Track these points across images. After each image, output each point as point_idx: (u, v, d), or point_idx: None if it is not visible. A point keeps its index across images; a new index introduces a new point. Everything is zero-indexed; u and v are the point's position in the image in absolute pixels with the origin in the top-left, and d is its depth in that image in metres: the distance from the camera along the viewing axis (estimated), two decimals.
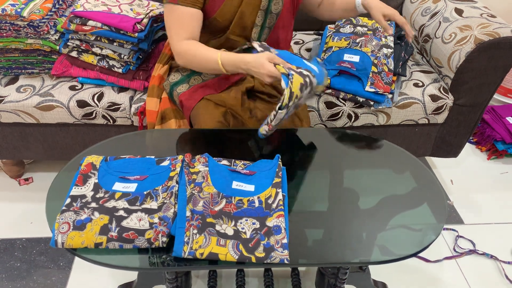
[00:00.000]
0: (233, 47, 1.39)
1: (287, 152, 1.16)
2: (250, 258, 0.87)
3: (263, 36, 1.38)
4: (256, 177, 1.05)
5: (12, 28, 1.45)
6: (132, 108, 1.52)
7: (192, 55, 1.25)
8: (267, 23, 1.36)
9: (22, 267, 1.52)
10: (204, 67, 1.27)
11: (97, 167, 1.04)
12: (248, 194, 1.00)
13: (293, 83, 1.07)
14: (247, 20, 1.33)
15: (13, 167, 1.85)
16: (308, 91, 1.11)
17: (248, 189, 1.02)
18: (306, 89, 1.10)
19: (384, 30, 1.38)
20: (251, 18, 1.33)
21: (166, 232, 0.90)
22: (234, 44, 1.38)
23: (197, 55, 1.24)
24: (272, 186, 1.01)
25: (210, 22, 1.33)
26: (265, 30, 1.37)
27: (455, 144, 1.75)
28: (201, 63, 1.26)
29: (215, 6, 1.29)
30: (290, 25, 1.45)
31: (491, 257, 1.60)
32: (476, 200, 1.85)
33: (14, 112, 1.51)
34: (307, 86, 1.10)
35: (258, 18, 1.33)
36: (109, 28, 1.43)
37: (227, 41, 1.37)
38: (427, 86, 1.60)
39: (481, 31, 1.49)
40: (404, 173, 1.18)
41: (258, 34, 1.37)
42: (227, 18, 1.32)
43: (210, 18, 1.32)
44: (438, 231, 0.99)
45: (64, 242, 0.88)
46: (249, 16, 1.33)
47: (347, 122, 1.58)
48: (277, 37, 1.42)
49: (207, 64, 1.24)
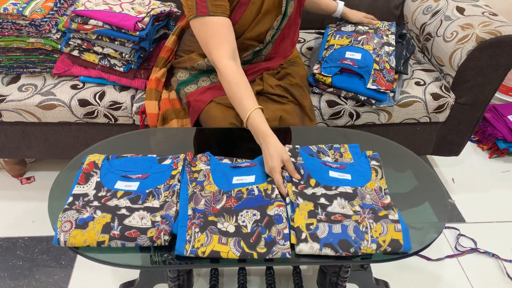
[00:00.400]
0: (245, 50, 1.40)
1: None
2: (252, 255, 0.88)
3: (275, 37, 1.40)
4: (257, 168, 1.06)
5: (13, 27, 1.45)
6: (133, 107, 1.52)
7: (230, 89, 1.15)
8: (282, 25, 1.37)
9: (24, 266, 1.52)
10: (232, 100, 1.18)
11: (99, 166, 1.04)
12: (247, 185, 1.02)
13: (296, 214, 0.95)
14: (264, 25, 1.34)
15: (15, 166, 1.85)
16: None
17: (248, 180, 1.03)
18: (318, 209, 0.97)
19: (367, 22, 1.69)
20: (270, 23, 1.35)
21: (168, 230, 0.90)
22: (247, 47, 1.39)
23: (234, 91, 1.14)
24: (268, 182, 1.02)
25: None
26: (279, 32, 1.39)
27: (457, 143, 1.75)
28: (232, 98, 1.17)
29: (236, 17, 1.29)
30: (296, 24, 1.46)
31: (493, 256, 1.60)
32: (478, 199, 1.85)
33: (16, 111, 1.51)
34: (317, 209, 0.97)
35: (276, 22, 1.35)
36: (111, 27, 1.43)
37: (240, 45, 1.36)
38: (429, 85, 1.60)
39: (483, 30, 1.49)
40: (405, 171, 1.18)
41: (272, 36, 1.38)
42: (245, 28, 1.33)
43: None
44: (440, 230, 0.99)
45: (67, 240, 0.88)
46: (266, 21, 1.34)
47: (349, 120, 1.58)
48: (283, 36, 1.43)
49: (236, 104, 1.15)
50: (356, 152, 1.13)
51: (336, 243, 0.89)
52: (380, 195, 1.00)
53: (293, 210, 0.95)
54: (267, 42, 1.39)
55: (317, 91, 1.57)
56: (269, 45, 1.42)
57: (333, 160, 1.11)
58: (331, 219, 0.94)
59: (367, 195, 1.00)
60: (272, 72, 1.48)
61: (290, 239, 0.90)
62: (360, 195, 0.99)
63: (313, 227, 0.91)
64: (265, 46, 1.41)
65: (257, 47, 1.39)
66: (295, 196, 0.98)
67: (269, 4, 1.30)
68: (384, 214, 0.95)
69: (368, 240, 0.90)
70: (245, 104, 1.12)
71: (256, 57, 1.45)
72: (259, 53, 1.43)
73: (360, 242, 0.89)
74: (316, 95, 1.56)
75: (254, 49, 1.39)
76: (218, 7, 1.18)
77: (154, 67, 1.55)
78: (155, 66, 1.55)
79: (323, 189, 1.01)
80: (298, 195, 0.98)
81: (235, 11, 1.28)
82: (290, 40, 1.48)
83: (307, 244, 0.89)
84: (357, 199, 0.99)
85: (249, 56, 1.42)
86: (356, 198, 0.99)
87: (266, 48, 1.42)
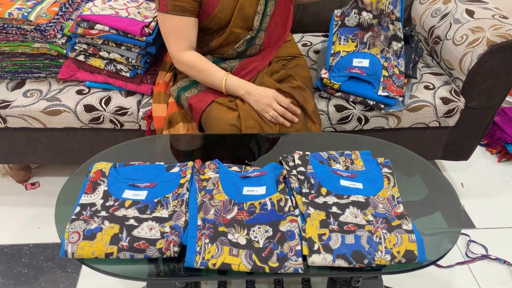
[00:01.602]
0: (236, 40, 1.39)
1: None
2: (263, 268, 0.85)
3: (264, 24, 1.38)
4: (267, 177, 1.04)
5: (18, 32, 1.44)
6: (140, 112, 1.50)
7: (197, 70, 1.28)
8: (268, 11, 1.36)
9: (29, 274, 1.50)
10: (203, 79, 1.31)
11: (106, 174, 1.02)
12: (259, 198, 0.99)
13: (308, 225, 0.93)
14: (248, 10, 1.33)
15: (20, 171, 1.84)
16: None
17: (259, 192, 1.01)
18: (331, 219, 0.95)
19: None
20: (252, 7, 1.34)
21: (178, 241, 0.88)
22: (237, 37, 1.39)
23: (202, 71, 1.29)
24: (280, 192, 0.99)
25: (211, 20, 1.33)
26: (266, 18, 1.37)
27: (466, 147, 1.72)
28: (202, 78, 1.30)
29: (214, 2, 1.29)
30: (288, 11, 1.44)
31: (504, 262, 1.57)
32: (488, 204, 1.82)
33: (21, 117, 1.50)
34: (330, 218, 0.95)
35: (260, 6, 1.34)
36: (117, 31, 1.41)
37: (230, 34, 1.37)
38: (438, 89, 1.58)
39: (494, 33, 1.47)
40: (417, 178, 1.16)
41: (260, 22, 1.37)
42: (227, 12, 1.32)
43: (210, 16, 1.32)
44: (455, 239, 0.97)
45: (74, 252, 0.86)
46: (250, 6, 1.33)
47: (357, 125, 1.56)
48: (275, 23, 1.42)
49: (208, 78, 1.29)
50: (367, 159, 1.11)
51: (349, 254, 0.87)
52: (392, 204, 0.98)
53: (304, 220, 0.93)
54: (256, 28, 1.37)
55: (325, 95, 1.55)
56: (260, 33, 1.40)
57: (344, 167, 1.09)
58: (344, 229, 0.91)
59: (379, 204, 0.98)
60: (267, 71, 1.46)
61: (302, 254, 0.88)
62: (372, 204, 0.97)
63: (325, 237, 0.89)
64: (257, 34, 1.39)
65: (248, 35, 1.38)
66: (306, 206, 0.95)
67: None
68: (398, 223, 0.93)
69: (382, 251, 0.88)
70: (218, 74, 1.29)
71: (250, 47, 1.43)
72: (251, 42, 1.41)
73: (374, 253, 0.87)
74: (324, 100, 1.54)
75: (245, 37, 1.38)
76: (176, 7, 1.25)
77: (161, 71, 1.55)
78: (161, 70, 1.55)
79: (335, 197, 0.98)
80: (309, 205, 0.96)
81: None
82: (283, 28, 1.46)
83: (320, 256, 0.87)
84: (369, 208, 0.97)
85: (242, 46, 1.41)
86: (369, 207, 0.97)
87: (258, 36, 1.40)
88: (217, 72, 1.31)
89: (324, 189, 1.00)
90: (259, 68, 1.44)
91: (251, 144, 1.23)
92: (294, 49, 1.60)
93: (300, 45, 1.84)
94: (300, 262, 0.86)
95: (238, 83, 1.30)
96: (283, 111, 1.22)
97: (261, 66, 1.44)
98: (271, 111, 1.20)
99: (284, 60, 1.54)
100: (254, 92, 1.23)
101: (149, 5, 1.59)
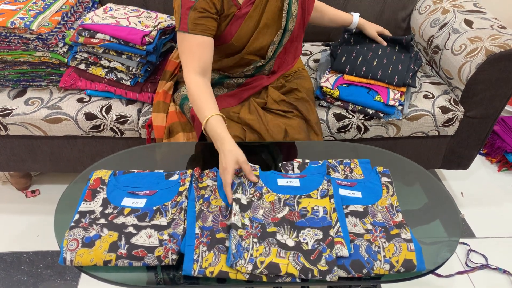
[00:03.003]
0: (247, 64, 1.40)
1: None
2: (261, 278, 0.85)
3: (277, 53, 1.39)
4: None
5: (21, 41, 1.45)
6: (140, 121, 1.51)
7: (193, 99, 1.22)
8: (284, 41, 1.36)
9: (28, 281, 1.50)
10: (195, 111, 1.24)
11: (105, 182, 1.03)
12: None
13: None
14: (263, 40, 1.34)
15: (20, 179, 1.84)
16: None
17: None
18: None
19: (380, 42, 1.63)
20: (269, 37, 1.34)
21: (176, 249, 0.88)
22: (248, 62, 1.39)
23: (196, 101, 1.20)
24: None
25: (227, 46, 1.34)
26: (281, 48, 1.38)
27: (466, 156, 1.73)
28: (195, 109, 1.23)
29: (232, 31, 1.29)
30: (299, 39, 1.45)
31: (504, 272, 1.57)
32: (488, 213, 1.82)
33: (22, 125, 1.51)
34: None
35: (276, 37, 1.34)
36: (118, 40, 1.43)
37: (241, 60, 1.38)
38: (437, 98, 1.58)
39: (492, 43, 1.48)
40: (416, 187, 1.16)
41: (273, 51, 1.38)
42: (243, 41, 1.32)
43: (227, 43, 1.32)
44: (453, 248, 0.97)
45: (73, 259, 0.87)
46: (266, 36, 1.33)
47: (357, 134, 1.57)
48: (285, 50, 1.43)
49: (198, 113, 1.21)
50: (366, 168, 1.12)
51: (348, 264, 0.87)
52: (391, 213, 0.98)
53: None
54: (269, 58, 1.38)
55: (325, 104, 1.55)
56: (272, 60, 1.41)
57: (343, 176, 1.09)
58: None
59: (378, 213, 0.98)
60: (276, 86, 1.47)
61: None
62: (371, 213, 0.98)
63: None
64: (268, 62, 1.41)
65: (259, 62, 1.39)
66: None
67: (268, 18, 1.30)
68: (396, 232, 0.93)
69: (381, 260, 0.88)
70: (205, 111, 1.16)
71: (259, 72, 1.44)
72: (261, 68, 1.42)
73: (373, 262, 0.87)
74: (323, 108, 1.55)
75: (256, 64, 1.39)
76: (198, 26, 1.21)
77: (161, 80, 1.55)
78: (161, 80, 1.56)
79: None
80: None
81: (231, 23, 1.28)
82: (292, 55, 1.48)
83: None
84: (368, 217, 0.97)
85: (251, 70, 1.42)
86: (368, 216, 0.97)
87: (269, 63, 1.42)
88: (206, 109, 1.18)
89: None
90: (264, 84, 1.45)
91: (252, 152, 1.24)
92: (299, 64, 1.60)
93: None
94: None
95: (215, 133, 1.12)
96: (228, 183, 1.03)
97: (266, 82, 1.46)
98: (224, 176, 1.06)
99: (289, 76, 1.54)
100: (221, 152, 1.08)
101: (150, 14, 1.61)
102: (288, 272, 0.85)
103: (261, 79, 1.45)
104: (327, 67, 1.65)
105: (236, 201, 0.96)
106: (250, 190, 1.00)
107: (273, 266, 0.85)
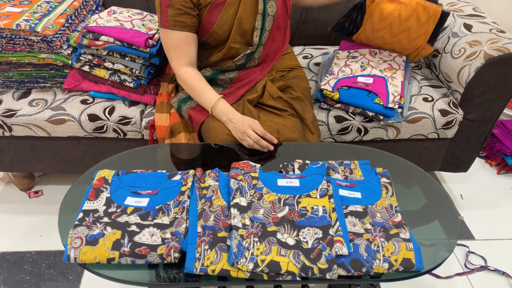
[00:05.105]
0: (235, 55, 1.43)
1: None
2: (261, 276, 0.87)
3: (263, 39, 1.41)
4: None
5: (25, 43, 1.47)
6: (143, 122, 1.53)
7: (191, 89, 1.35)
8: (266, 26, 1.39)
9: (31, 281, 1.52)
10: (195, 98, 1.37)
11: (109, 182, 1.04)
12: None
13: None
14: (245, 26, 1.37)
15: (24, 179, 1.86)
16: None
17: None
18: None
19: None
20: (250, 23, 1.37)
21: (178, 247, 0.90)
22: (236, 52, 1.42)
23: (195, 90, 1.35)
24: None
25: (210, 36, 1.37)
26: (265, 33, 1.40)
27: (465, 159, 1.74)
28: (195, 96, 1.37)
29: (212, 19, 1.33)
30: (286, 26, 1.47)
31: (503, 274, 1.58)
32: (487, 215, 1.83)
33: (26, 126, 1.53)
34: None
35: (257, 22, 1.37)
36: (121, 43, 1.45)
37: (229, 50, 1.41)
38: (437, 101, 1.60)
39: (491, 47, 1.49)
40: (415, 188, 1.18)
41: (259, 37, 1.40)
42: (225, 28, 1.36)
43: (209, 32, 1.36)
44: (451, 248, 0.98)
45: (77, 257, 0.88)
46: (247, 21, 1.36)
47: (357, 136, 1.58)
48: (273, 37, 1.45)
49: (200, 99, 1.35)
50: (366, 169, 1.13)
51: (348, 263, 0.88)
52: (390, 213, 1.00)
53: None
54: (256, 44, 1.40)
55: (325, 106, 1.57)
56: (260, 47, 1.43)
57: (343, 177, 1.11)
58: None
59: (377, 213, 0.99)
60: (272, 79, 1.49)
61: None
62: (370, 213, 0.99)
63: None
64: (256, 49, 1.42)
65: (248, 50, 1.41)
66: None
67: (246, 4, 1.34)
68: (395, 232, 0.95)
69: (380, 259, 0.89)
70: (208, 96, 1.33)
71: (249, 61, 1.46)
72: (251, 56, 1.44)
73: (372, 261, 0.89)
74: (324, 111, 1.57)
75: (245, 52, 1.41)
76: (177, 23, 1.30)
77: (163, 82, 1.58)
78: (163, 81, 1.58)
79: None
80: None
81: (209, 12, 1.33)
82: (281, 42, 1.49)
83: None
84: (367, 217, 0.98)
85: (242, 60, 1.44)
86: (367, 216, 0.98)
87: (258, 50, 1.44)
88: (208, 94, 1.33)
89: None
90: (258, 79, 1.47)
91: (252, 153, 1.25)
92: (293, 61, 1.62)
93: (301, 58, 1.87)
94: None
95: (223, 110, 1.31)
96: (257, 138, 1.22)
97: (259, 76, 1.47)
98: (246, 138, 1.23)
99: (283, 71, 1.56)
100: (234, 120, 1.26)
101: (153, 17, 1.63)
102: (289, 270, 0.86)
103: (254, 73, 1.48)
104: (328, 69, 1.66)
105: (235, 206, 0.97)
106: (250, 191, 1.01)
107: (274, 265, 0.87)
